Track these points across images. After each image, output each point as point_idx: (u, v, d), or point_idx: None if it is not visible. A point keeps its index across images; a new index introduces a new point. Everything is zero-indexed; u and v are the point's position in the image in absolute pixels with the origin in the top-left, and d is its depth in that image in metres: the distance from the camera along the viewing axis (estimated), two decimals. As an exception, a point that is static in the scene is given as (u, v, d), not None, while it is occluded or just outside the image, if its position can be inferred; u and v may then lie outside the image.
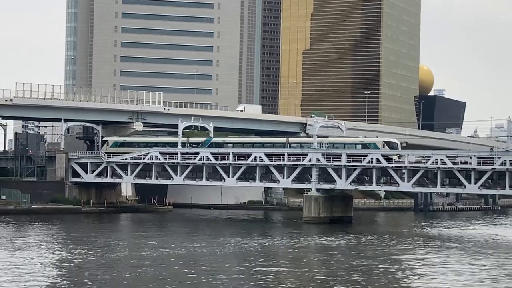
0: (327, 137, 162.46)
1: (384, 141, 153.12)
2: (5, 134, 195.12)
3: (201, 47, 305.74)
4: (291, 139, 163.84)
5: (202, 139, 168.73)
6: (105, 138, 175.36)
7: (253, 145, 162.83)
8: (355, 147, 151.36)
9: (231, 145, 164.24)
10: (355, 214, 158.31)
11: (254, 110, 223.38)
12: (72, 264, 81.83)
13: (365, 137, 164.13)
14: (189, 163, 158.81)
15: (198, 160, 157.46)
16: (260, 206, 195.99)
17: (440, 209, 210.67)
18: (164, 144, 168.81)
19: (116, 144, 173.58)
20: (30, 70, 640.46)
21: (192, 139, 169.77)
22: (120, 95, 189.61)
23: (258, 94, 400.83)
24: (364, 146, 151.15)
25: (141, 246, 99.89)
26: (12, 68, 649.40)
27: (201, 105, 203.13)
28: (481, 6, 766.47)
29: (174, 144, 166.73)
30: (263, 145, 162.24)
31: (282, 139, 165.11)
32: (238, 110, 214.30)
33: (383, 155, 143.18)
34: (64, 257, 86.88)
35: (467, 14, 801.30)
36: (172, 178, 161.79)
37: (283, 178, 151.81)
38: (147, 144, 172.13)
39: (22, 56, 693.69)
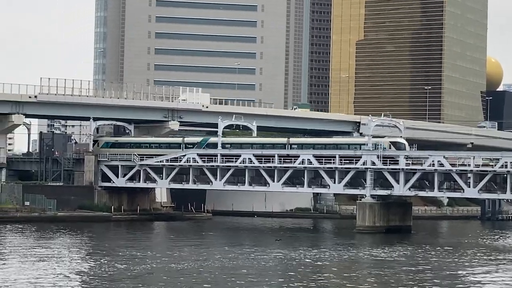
0: (331, 137, 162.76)
1: (390, 142, 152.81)
2: (29, 134, 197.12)
3: (243, 37, 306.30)
4: (292, 140, 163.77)
5: (198, 139, 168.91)
6: (95, 138, 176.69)
7: (251, 146, 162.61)
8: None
9: (230, 145, 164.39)
10: (415, 223, 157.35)
11: (201, 100, 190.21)
12: (99, 277, 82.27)
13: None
14: (230, 166, 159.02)
15: (240, 163, 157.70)
16: (309, 214, 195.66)
17: (510, 218, 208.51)
18: (159, 145, 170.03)
19: (107, 145, 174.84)
20: (56, 64, 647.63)
21: (187, 139, 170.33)
22: (154, 91, 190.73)
23: (306, 89, 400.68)
24: None
25: (176, 257, 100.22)
26: (36, 62, 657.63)
27: (243, 102, 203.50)
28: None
29: (169, 145, 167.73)
30: (263, 145, 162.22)
31: (283, 140, 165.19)
32: (179, 100, 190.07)
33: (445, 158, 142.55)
34: (91, 269, 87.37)
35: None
36: (211, 182, 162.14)
37: (334, 183, 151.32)
38: (140, 145, 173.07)
39: (48, 49, 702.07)
